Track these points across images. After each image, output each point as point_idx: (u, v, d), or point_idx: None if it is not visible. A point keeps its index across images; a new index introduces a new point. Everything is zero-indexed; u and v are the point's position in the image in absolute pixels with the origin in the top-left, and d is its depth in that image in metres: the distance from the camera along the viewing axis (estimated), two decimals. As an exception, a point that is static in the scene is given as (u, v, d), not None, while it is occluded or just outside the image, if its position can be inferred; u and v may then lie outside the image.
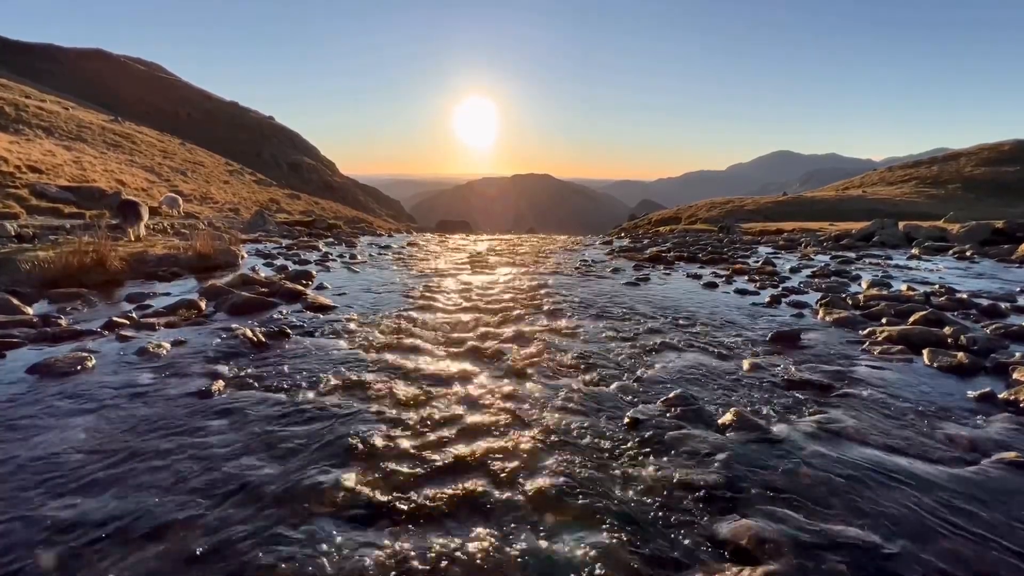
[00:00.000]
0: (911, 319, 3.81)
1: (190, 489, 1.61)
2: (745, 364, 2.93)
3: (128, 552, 1.33)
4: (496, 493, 1.63)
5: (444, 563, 1.33)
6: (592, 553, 1.37)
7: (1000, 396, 2.45)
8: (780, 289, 5.37)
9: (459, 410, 2.25)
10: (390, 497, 1.59)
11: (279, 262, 7.03)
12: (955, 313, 4.10)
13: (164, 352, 2.90)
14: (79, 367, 2.61)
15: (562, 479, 1.71)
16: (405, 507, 1.55)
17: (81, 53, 67.35)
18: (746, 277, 6.37)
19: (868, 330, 3.61)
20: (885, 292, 4.95)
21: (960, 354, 2.97)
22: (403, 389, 2.47)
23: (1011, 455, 1.88)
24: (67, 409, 2.16)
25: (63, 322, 3.47)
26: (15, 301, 3.74)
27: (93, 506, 1.52)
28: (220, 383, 2.45)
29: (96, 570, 1.27)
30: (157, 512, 1.49)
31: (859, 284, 5.76)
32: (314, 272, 6.22)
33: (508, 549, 1.38)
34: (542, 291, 5.31)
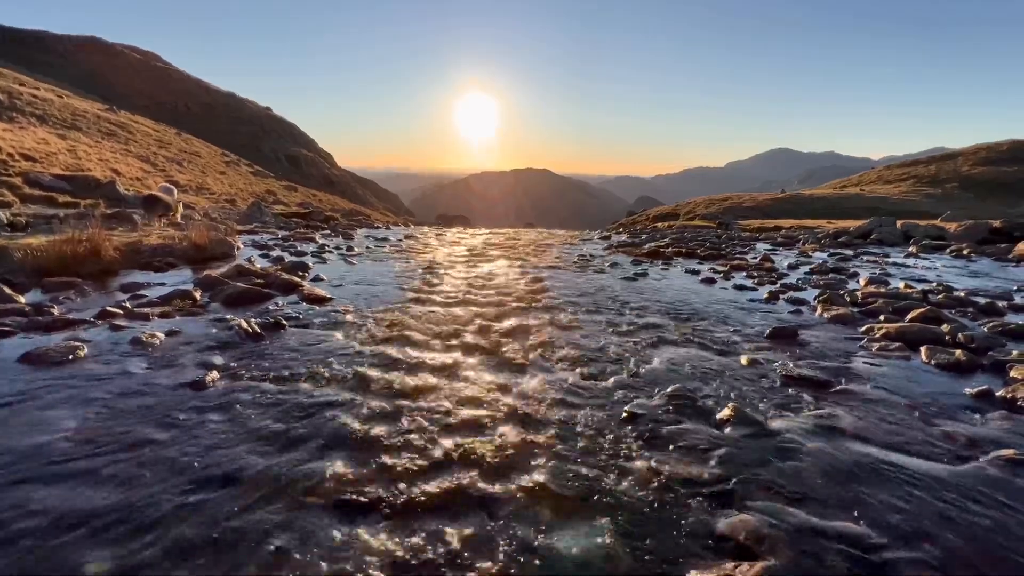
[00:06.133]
0: (909, 316, 3.81)
1: (182, 480, 1.59)
2: (743, 360, 2.92)
3: (119, 543, 1.31)
4: (492, 486, 1.62)
5: (439, 557, 1.31)
6: (589, 547, 1.36)
7: (998, 394, 2.45)
8: (778, 285, 5.36)
9: (455, 403, 2.24)
10: (385, 489, 1.57)
11: (275, 253, 6.98)
12: (953, 311, 4.10)
13: (158, 342, 2.87)
14: (71, 356, 2.58)
15: (559, 473, 1.70)
16: (400, 500, 1.53)
17: (76, 41, 66.60)
18: (744, 273, 6.36)
19: (866, 327, 3.61)
20: (883, 289, 4.95)
21: (958, 352, 2.97)
22: (399, 381, 2.45)
23: (1009, 452, 1.88)
24: (59, 398, 2.13)
25: (56, 311, 3.44)
26: (8, 290, 3.70)
27: (83, 496, 1.49)
28: (214, 374, 2.42)
29: (84, 564, 1.25)
30: (149, 503, 1.47)
31: (857, 281, 5.76)
32: (310, 264, 6.18)
33: (504, 543, 1.37)
34: (540, 285, 5.29)
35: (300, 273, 5.32)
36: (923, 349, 3.08)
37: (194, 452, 1.76)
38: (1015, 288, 5.31)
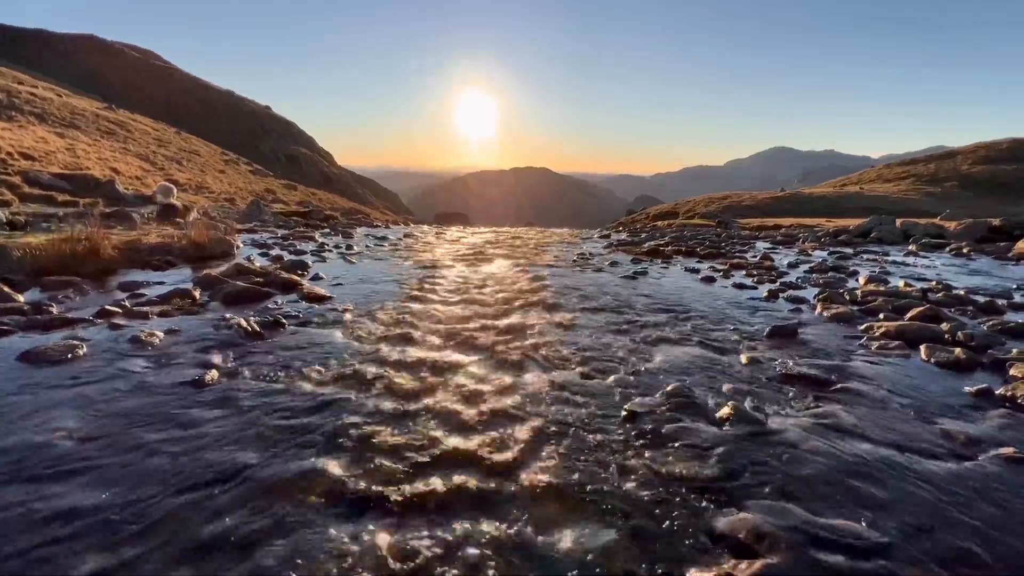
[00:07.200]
0: (909, 315, 3.81)
1: (182, 480, 1.59)
2: (743, 358, 2.92)
3: (118, 544, 1.31)
4: (492, 485, 1.61)
5: (438, 556, 1.31)
6: (588, 547, 1.36)
7: (997, 392, 2.44)
8: (778, 284, 5.36)
9: (455, 402, 2.23)
10: (384, 489, 1.57)
11: (275, 252, 6.98)
12: (952, 309, 4.09)
13: (157, 341, 2.87)
14: (70, 355, 2.58)
15: (559, 472, 1.70)
16: (400, 499, 1.53)
17: (74, 39, 66.47)
18: (744, 272, 6.36)
19: (866, 325, 3.60)
20: (883, 288, 4.95)
21: (957, 350, 2.97)
22: (398, 380, 2.45)
23: (1008, 451, 1.88)
24: (58, 397, 2.13)
25: (55, 310, 3.43)
26: (6, 289, 3.70)
27: (82, 496, 1.49)
28: (213, 373, 2.42)
29: (83, 563, 1.25)
30: (147, 503, 1.47)
31: (857, 280, 5.76)
32: (310, 262, 6.18)
33: (504, 542, 1.37)
34: (539, 284, 5.29)
35: (299, 272, 5.31)
36: (923, 347, 3.08)
37: (193, 451, 1.75)
38: (1014, 286, 5.31)
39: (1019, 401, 2.34)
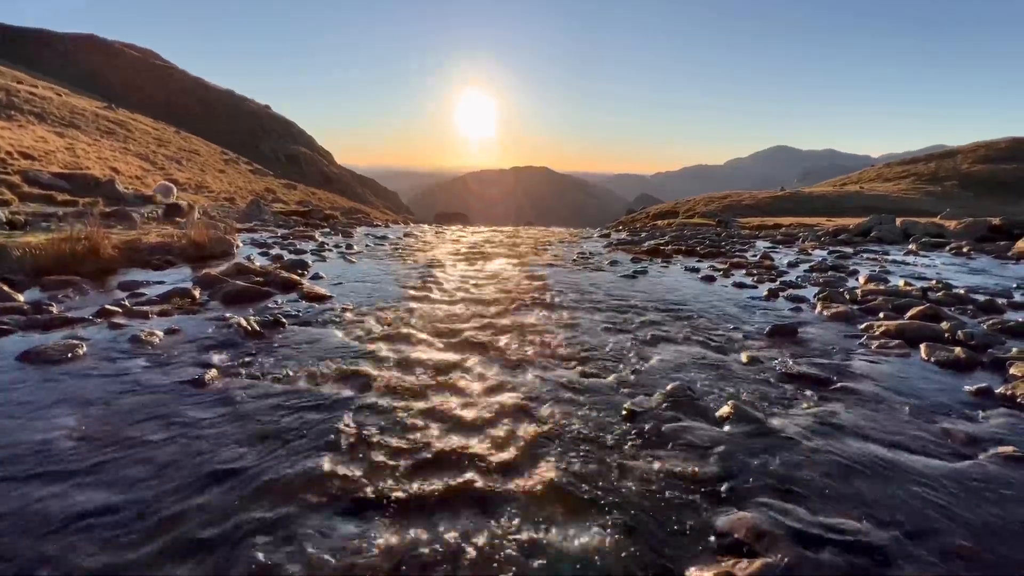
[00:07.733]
0: (909, 314, 3.81)
1: (181, 479, 1.59)
2: (743, 357, 2.92)
3: (119, 542, 1.31)
4: (491, 485, 1.61)
5: (437, 556, 1.31)
6: (588, 546, 1.36)
7: (997, 391, 2.44)
8: (778, 283, 5.36)
9: (454, 401, 2.23)
10: (384, 488, 1.57)
11: (275, 251, 6.97)
12: (952, 308, 4.09)
13: (157, 340, 2.87)
14: (70, 355, 2.57)
15: (559, 471, 1.69)
16: (399, 499, 1.53)
17: (74, 39, 66.46)
18: (744, 271, 6.36)
19: (866, 324, 3.60)
20: (883, 287, 4.95)
21: (957, 349, 2.97)
22: (398, 379, 2.45)
23: (1008, 449, 1.88)
24: (57, 397, 2.13)
25: (55, 309, 3.43)
26: (6, 288, 3.70)
27: (82, 496, 1.49)
28: (213, 372, 2.42)
29: (83, 562, 1.25)
30: (148, 502, 1.47)
31: (857, 279, 5.76)
32: (310, 262, 6.18)
33: (503, 541, 1.37)
34: (539, 283, 5.29)
35: (299, 271, 5.31)
36: (923, 347, 3.08)
37: (193, 450, 1.75)
38: (1014, 286, 5.31)
39: (1019, 400, 2.35)
